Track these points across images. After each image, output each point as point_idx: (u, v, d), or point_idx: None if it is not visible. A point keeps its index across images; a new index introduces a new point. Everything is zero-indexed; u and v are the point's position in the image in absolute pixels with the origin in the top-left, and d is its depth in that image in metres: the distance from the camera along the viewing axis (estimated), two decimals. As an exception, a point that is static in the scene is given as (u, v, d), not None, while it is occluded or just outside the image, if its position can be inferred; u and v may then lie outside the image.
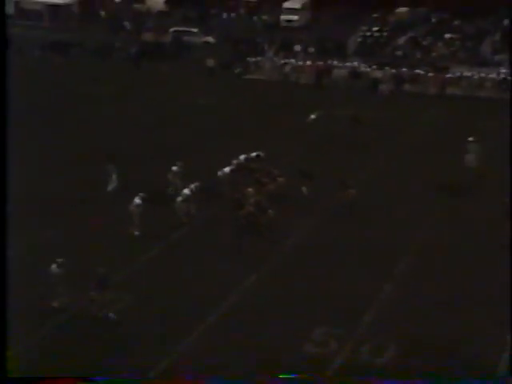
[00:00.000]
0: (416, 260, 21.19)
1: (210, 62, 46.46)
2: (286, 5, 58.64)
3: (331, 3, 58.05)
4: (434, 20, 54.09)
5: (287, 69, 45.74)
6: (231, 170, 25.19)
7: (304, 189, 25.08)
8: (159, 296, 18.99)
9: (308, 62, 45.89)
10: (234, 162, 25.83)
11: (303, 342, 17.01)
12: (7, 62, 13.60)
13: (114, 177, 24.95)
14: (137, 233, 22.23)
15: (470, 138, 28.65)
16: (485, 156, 28.07)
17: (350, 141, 30.85)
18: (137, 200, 22.28)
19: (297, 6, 58.42)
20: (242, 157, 26.24)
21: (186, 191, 23.16)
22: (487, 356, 16.48)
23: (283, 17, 58.23)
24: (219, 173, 25.07)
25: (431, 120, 36.11)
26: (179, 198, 23.06)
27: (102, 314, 17.81)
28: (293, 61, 46.49)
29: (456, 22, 52.50)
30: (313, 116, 32.99)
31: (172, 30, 55.14)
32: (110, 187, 24.95)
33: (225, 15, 61.81)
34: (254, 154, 26.60)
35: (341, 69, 44.82)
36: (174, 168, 25.19)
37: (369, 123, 32.68)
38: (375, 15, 54.58)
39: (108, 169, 25.16)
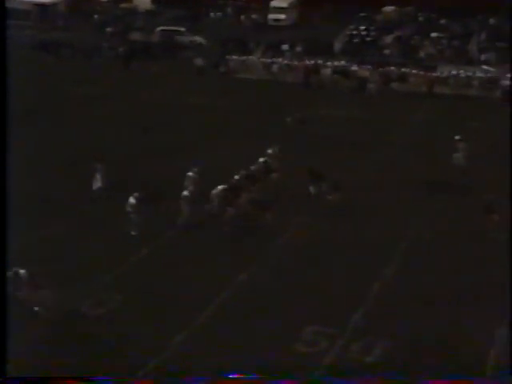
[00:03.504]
0: (405, 259, 21.28)
1: (199, 62, 46.52)
2: (273, 4, 58.73)
3: (318, 2, 58.22)
4: (420, 19, 54.37)
5: (275, 68, 45.84)
6: (224, 190, 23.80)
7: (311, 188, 25.05)
8: (149, 295, 18.98)
9: (295, 61, 46.04)
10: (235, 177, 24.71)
11: (293, 341, 17.05)
12: (7, 62, 13.55)
13: (99, 176, 24.90)
14: (134, 233, 22.20)
15: (457, 137, 28.78)
16: (472, 154, 28.20)
17: (338, 140, 30.94)
18: (131, 200, 22.28)
19: (284, 5, 58.53)
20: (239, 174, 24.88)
21: (185, 193, 23.00)
22: (475, 354, 16.58)
23: (270, 16, 58.33)
24: (213, 192, 23.76)
25: (419, 119, 36.29)
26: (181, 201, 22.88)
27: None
28: (280, 60, 46.62)
29: (442, 21, 52.79)
30: (289, 119, 33.01)
31: (159, 29, 55.04)
32: (95, 187, 24.94)
33: (212, 14, 61.84)
34: (261, 160, 26.24)
35: (328, 68, 44.97)
36: (190, 173, 24.66)
37: (356, 122, 32.85)
38: (362, 14, 54.79)
39: (94, 168, 25.12)
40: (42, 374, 14.32)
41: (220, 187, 23.51)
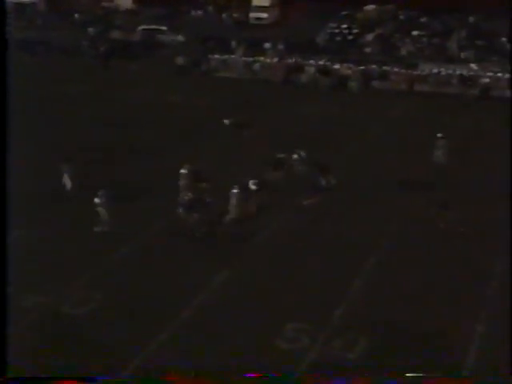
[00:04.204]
0: (385, 255, 21.33)
1: (180, 60, 46.42)
2: (255, 2, 58.73)
3: (300, 0, 58.32)
4: (401, 17, 54.65)
5: (256, 66, 45.81)
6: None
7: (322, 181, 25.46)
8: (130, 294, 18.92)
9: (277, 60, 46.05)
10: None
11: (275, 339, 17.06)
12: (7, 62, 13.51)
13: (66, 176, 24.90)
14: (100, 229, 22.13)
15: (439, 135, 28.92)
16: (453, 152, 28.35)
17: (318, 139, 30.97)
18: (96, 199, 22.28)
19: (266, 3, 58.53)
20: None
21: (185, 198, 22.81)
22: (457, 349, 16.67)
23: (252, 14, 58.33)
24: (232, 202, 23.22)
25: (400, 116, 36.40)
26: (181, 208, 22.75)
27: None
28: (262, 58, 46.62)
29: (423, 19, 53.09)
30: (226, 121, 32.80)
31: (140, 28, 54.92)
32: (68, 187, 24.94)
33: (194, 13, 61.76)
34: (296, 156, 26.64)
35: (310, 66, 45.00)
36: (183, 171, 24.62)
37: (337, 120, 32.91)
38: (344, 12, 54.99)
39: (62, 169, 25.05)
40: (42, 374, 14.25)
41: (235, 194, 22.84)
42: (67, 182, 24.97)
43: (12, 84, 38.89)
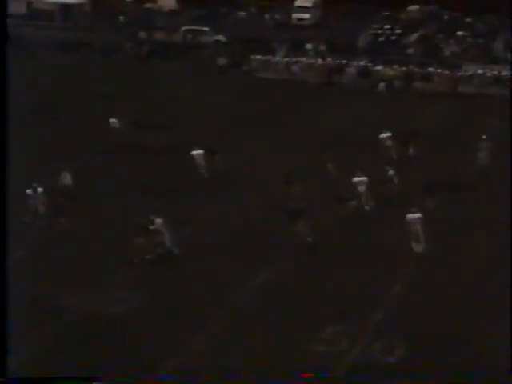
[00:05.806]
0: (424, 260, 21.01)
1: (221, 61, 46.60)
2: (297, 3, 58.58)
3: (342, 1, 57.92)
4: (445, 17, 53.95)
5: (297, 67, 45.70)
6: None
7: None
8: (165, 296, 18.94)
9: (319, 61, 45.89)
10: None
11: (313, 341, 16.93)
12: (7, 62, 13.68)
13: (66, 174, 25.14)
14: (25, 219, 22.24)
15: (484, 136, 28.50)
16: (497, 154, 27.90)
17: (359, 139, 30.70)
18: (28, 191, 22.67)
19: (308, 4, 58.30)
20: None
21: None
22: (496, 355, 16.35)
23: (294, 15, 58.19)
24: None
25: (443, 118, 35.96)
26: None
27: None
28: (304, 59, 46.50)
29: (467, 20, 52.32)
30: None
31: (183, 28, 55.32)
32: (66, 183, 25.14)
33: (236, 14, 61.85)
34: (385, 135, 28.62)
35: (351, 67, 44.75)
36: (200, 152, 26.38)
37: (378, 122, 32.60)
38: (386, 13, 54.49)
39: (59, 168, 25.21)
40: (43, 374, 14.30)
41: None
42: (67, 179, 25.04)
43: (46, 84, 39.52)
